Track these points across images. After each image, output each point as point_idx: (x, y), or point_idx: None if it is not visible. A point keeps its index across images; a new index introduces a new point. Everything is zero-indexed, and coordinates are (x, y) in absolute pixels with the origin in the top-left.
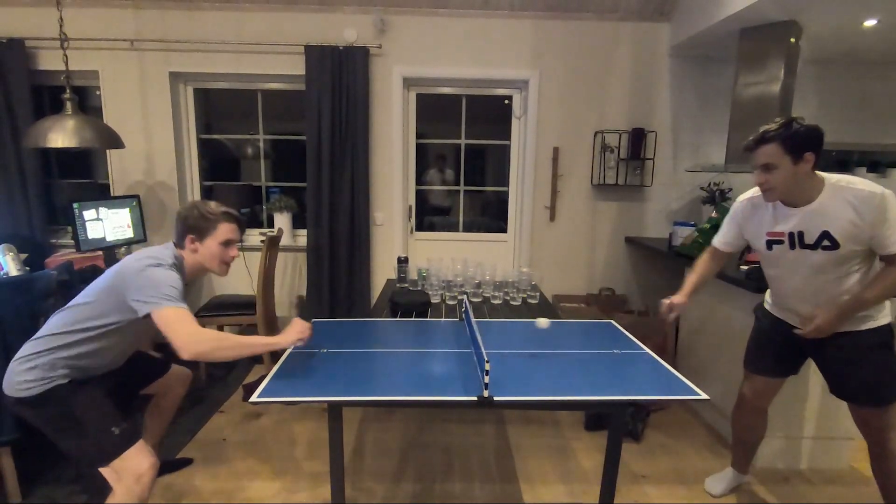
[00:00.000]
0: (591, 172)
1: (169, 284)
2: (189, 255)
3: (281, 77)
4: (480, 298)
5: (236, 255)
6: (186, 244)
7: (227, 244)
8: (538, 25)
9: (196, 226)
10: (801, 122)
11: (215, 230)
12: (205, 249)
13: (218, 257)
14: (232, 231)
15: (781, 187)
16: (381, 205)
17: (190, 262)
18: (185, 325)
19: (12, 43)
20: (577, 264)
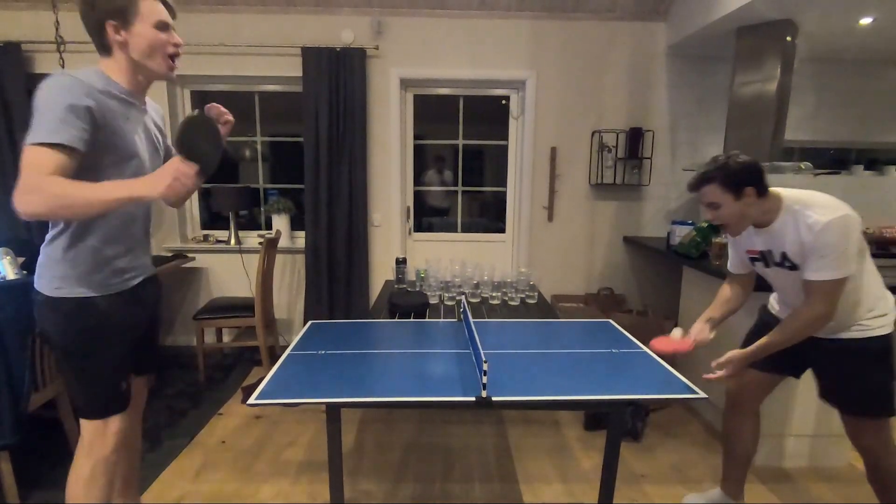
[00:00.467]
0: (588, 172)
1: (51, 111)
2: (119, 55)
3: (278, 79)
4: (479, 299)
5: (181, 44)
6: (110, 37)
7: (163, 28)
8: (535, 26)
9: (112, 7)
10: (738, 158)
11: (138, 8)
12: (136, 38)
13: (158, 47)
14: (163, 11)
15: (731, 221)
16: (379, 206)
17: (122, 67)
18: (28, 173)
19: (8, 46)
20: (576, 264)
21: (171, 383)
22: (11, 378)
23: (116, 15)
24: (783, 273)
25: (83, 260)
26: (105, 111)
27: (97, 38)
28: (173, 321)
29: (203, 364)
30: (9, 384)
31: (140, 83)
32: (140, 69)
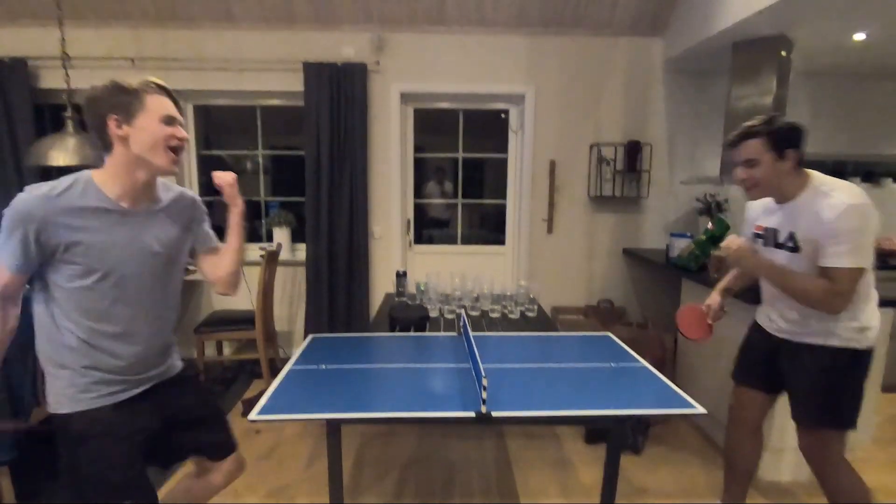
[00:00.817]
0: (587, 185)
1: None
2: (119, 151)
3: (280, 94)
4: (479, 312)
5: (184, 137)
6: (111, 131)
7: (169, 122)
8: (533, 41)
9: (119, 103)
10: (785, 119)
11: (144, 104)
12: (139, 133)
13: (161, 140)
14: (170, 105)
15: (763, 183)
16: (380, 218)
17: (121, 162)
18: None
19: (15, 62)
20: (576, 276)
21: None
22: (12, 393)
23: (120, 109)
24: (781, 255)
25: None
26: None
27: (99, 134)
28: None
29: (203, 377)
30: (9, 400)
31: (138, 181)
32: (140, 164)
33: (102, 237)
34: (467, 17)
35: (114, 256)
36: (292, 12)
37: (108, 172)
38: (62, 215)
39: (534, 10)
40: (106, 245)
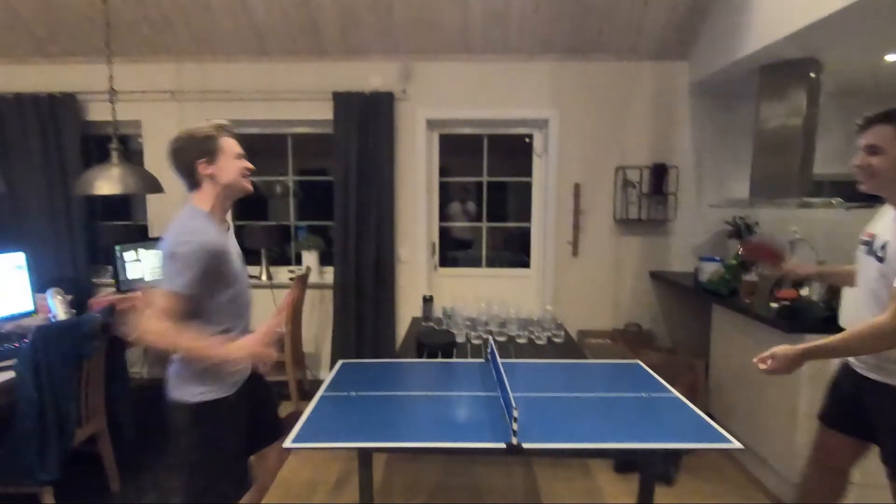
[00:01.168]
0: (613, 208)
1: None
2: (208, 185)
3: (310, 122)
4: (505, 337)
5: (251, 167)
6: (200, 173)
7: (240, 156)
8: (557, 67)
9: (203, 148)
10: None
11: (221, 146)
12: (222, 170)
13: (237, 171)
14: (236, 144)
15: (881, 175)
16: (406, 242)
17: (212, 193)
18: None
19: (66, 97)
20: (602, 299)
21: None
22: (59, 415)
23: (205, 154)
24: (868, 264)
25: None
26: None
27: (188, 177)
28: None
29: None
30: (57, 421)
31: (227, 206)
32: (228, 192)
33: (231, 256)
34: (492, 45)
35: (236, 268)
36: (322, 44)
37: (207, 204)
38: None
39: (558, 38)
40: (233, 260)
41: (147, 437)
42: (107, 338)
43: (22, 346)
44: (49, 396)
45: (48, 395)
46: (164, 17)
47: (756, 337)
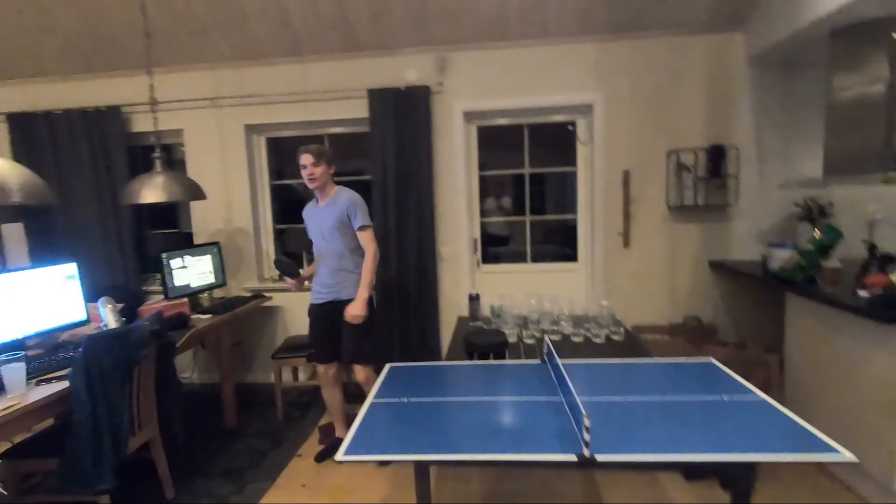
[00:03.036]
0: (666, 194)
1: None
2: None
3: (345, 121)
4: (559, 336)
5: (307, 174)
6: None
7: (301, 168)
8: (600, 48)
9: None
10: None
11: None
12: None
13: (304, 177)
14: (300, 159)
15: None
16: (447, 239)
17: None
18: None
19: (111, 110)
20: (657, 292)
21: (252, 421)
22: (113, 423)
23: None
24: None
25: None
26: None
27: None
28: (252, 359)
29: (281, 402)
30: (110, 430)
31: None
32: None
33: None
34: (530, 29)
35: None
36: (355, 40)
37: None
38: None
39: (599, 16)
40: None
41: (199, 443)
42: (157, 345)
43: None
44: (103, 405)
45: (102, 404)
46: (201, 25)
47: (841, 328)
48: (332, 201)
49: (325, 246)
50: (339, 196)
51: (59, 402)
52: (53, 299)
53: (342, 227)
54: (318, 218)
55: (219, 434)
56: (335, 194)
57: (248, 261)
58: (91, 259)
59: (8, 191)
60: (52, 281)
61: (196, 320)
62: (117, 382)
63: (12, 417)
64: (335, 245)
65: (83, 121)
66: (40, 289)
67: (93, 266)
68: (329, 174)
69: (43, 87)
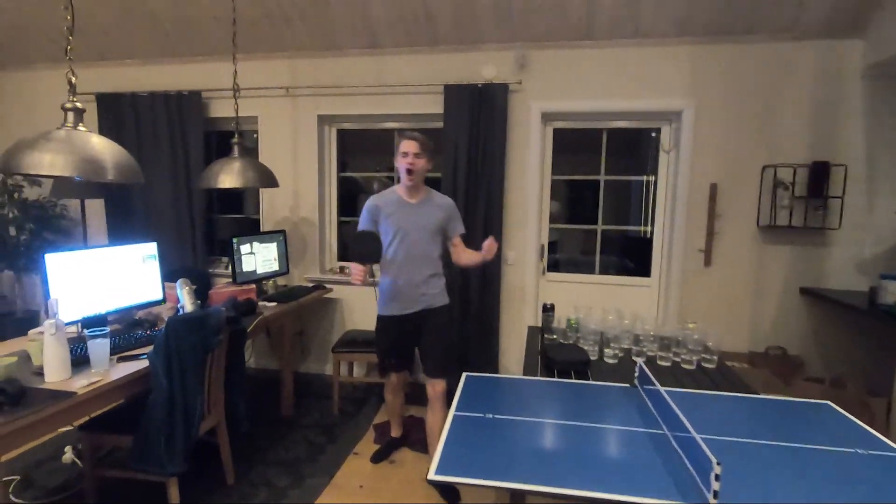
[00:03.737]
0: (757, 212)
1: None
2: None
3: (419, 116)
4: (644, 358)
5: (408, 163)
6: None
7: (402, 155)
8: (696, 52)
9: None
10: None
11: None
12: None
13: (398, 164)
14: (403, 145)
15: None
16: (514, 243)
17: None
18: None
19: (192, 95)
20: (739, 316)
21: (308, 412)
22: (187, 407)
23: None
24: None
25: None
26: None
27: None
28: (310, 349)
29: (338, 395)
30: (184, 414)
31: (409, 186)
32: (400, 176)
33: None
34: (620, 28)
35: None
36: (436, 35)
37: (399, 182)
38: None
39: (699, 18)
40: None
41: (257, 429)
42: (229, 331)
43: (154, 334)
44: (179, 388)
45: (178, 387)
46: (284, 13)
47: None
48: (429, 201)
49: (420, 248)
50: (436, 198)
51: (139, 380)
52: (133, 277)
53: (441, 231)
54: (411, 216)
55: (276, 423)
56: (429, 194)
57: (312, 251)
58: (164, 239)
59: (104, 168)
60: (132, 259)
61: (262, 307)
62: (194, 366)
63: (97, 393)
64: (432, 248)
65: (165, 103)
66: (121, 266)
67: (165, 246)
68: (427, 170)
69: (130, 69)
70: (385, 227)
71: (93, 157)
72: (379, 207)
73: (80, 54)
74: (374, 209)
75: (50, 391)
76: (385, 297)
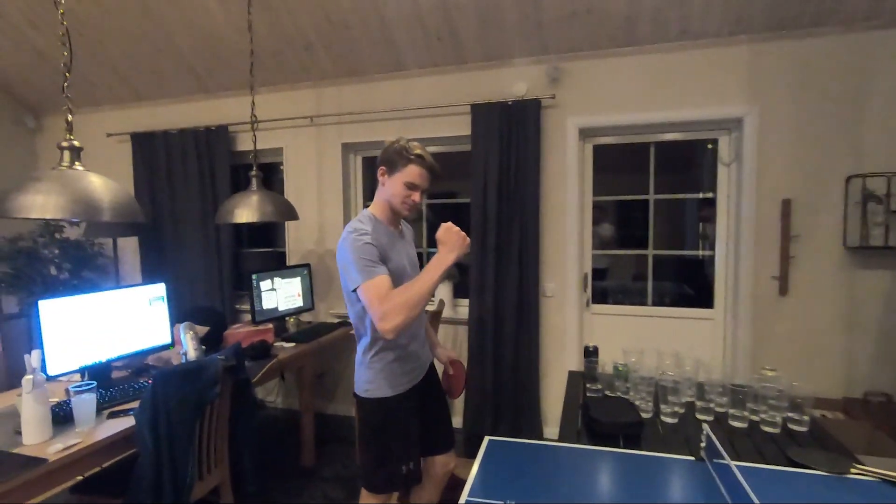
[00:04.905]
0: (843, 231)
1: (360, 256)
2: (379, 189)
3: (446, 139)
4: (712, 417)
5: (418, 202)
6: (378, 175)
7: (410, 187)
8: (754, 51)
9: (389, 158)
10: None
11: (404, 168)
12: (390, 184)
13: (399, 196)
14: (418, 176)
15: None
16: (553, 273)
17: (380, 200)
18: (374, 303)
19: (219, 129)
20: (826, 355)
21: (331, 461)
22: (176, 470)
23: (389, 164)
24: None
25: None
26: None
27: (376, 173)
28: (335, 388)
29: None
30: (173, 476)
31: (392, 217)
32: (389, 206)
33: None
34: (665, 32)
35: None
36: (461, 51)
37: (377, 206)
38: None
39: (756, 12)
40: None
41: (272, 481)
42: (233, 380)
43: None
44: (166, 448)
45: (165, 447)
46: (306, 41)
47: None
48: (405, 227)
49: None
50: (405, 226)
51: (128, 438)
52: (140, 320)
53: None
54: (403, 250)
55: (294, 474)
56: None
57: (338, 285)
58: (192, 275)
59: (99, 208)
60: (141, 301)
61: (278, 348)
62: (185, 424)
63: (74, 458)
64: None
65: (194, 139)
66: (127, 309)
67: (193, 282)
68: None
69: (164, 108)
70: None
71: (86, 196)
72: (383, 245)
73: (118, 96)
74: (379, 247)
75: (23, 457)
76: (392, 369)
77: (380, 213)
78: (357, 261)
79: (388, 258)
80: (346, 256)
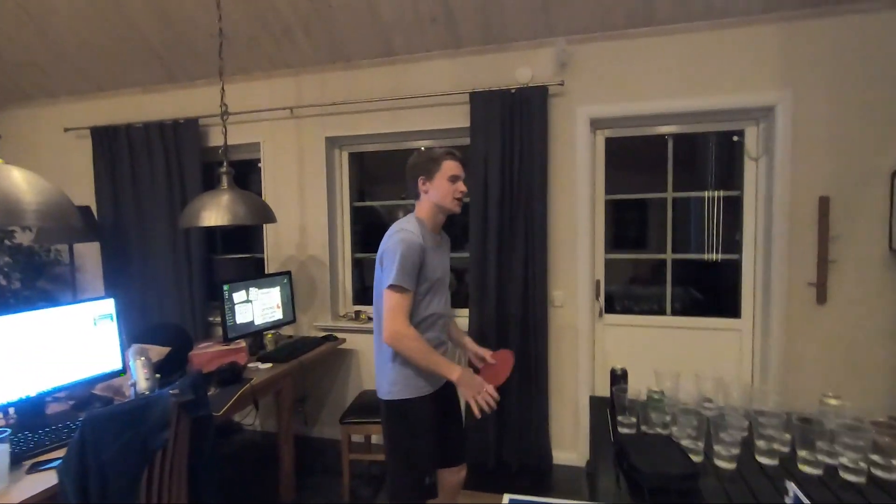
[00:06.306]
0: (889, 232)
1: (407, 261)
2: (424, 199)
3: (442, 132)
4: (776, 459)
5: (464, 190)
6: (419, 188)
7: (453, 180)
8: (788, 30)
9: (423, 167)
10: None
11: (440, 167)
12: (434, 188)
13: (448, 193)
14: (456, 167)
15: None
16: (562, 281)
17: (426, 207)
18: (394, 314)
19: (188, 122)
20: (871, 370)
21: (313, 494)
22: None
23: (424, 172)
24: None
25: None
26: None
27: (413, 189)
28: (319, 410)
29: (349, 475)
30: None
31: (439, 220)
32: (439, 209)
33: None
34: (686, 10)
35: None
36: (457, 34)
37: (422, 212)
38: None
39: None
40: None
41: None
42: (190, 419)
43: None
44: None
45: None
46: (284, 25)
47: None
48: (444, 235)
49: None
50: (444, 235)
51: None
52: (87, 343)
53: None
54: (444, 257)
55: None
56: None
57: (322, 294)
58: (160, 284)
59: (20, 210)
60: (84, 321)
61: (252, 371)
62: (126, 477)
63: None
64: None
65: (160, 133)
66: (70, 331)
67: (161, 292)
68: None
69: (127, 98)
70: (425, 274)
71: (2, 196)
72: (425, 250)
73: (76, 86)
74: (422, 252)
75: None
76: (415, 368)
77: (428, 218)
78: (403, 263)
79: (429, 263)
80: (396, 250)
